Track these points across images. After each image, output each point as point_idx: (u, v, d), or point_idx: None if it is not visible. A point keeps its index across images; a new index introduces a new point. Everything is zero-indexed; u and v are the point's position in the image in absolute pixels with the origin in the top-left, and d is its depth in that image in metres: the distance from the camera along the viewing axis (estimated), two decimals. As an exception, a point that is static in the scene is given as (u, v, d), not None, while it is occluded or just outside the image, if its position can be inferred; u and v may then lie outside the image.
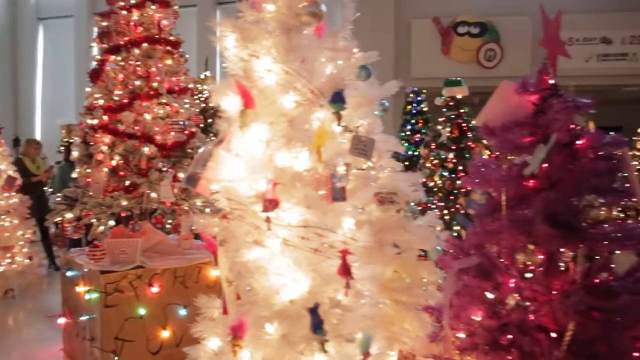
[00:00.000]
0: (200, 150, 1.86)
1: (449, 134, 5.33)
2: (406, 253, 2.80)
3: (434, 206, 5.35)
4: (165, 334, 3.57)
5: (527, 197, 1.82)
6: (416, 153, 7.44)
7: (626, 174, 1.79)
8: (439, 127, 5.57)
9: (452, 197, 5.40)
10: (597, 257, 1.84)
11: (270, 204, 1.58)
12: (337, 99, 1.78)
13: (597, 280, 1.79)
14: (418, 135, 7.88)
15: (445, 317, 1.86)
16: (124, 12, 4.19)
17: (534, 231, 1.74)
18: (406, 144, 8.00)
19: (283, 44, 1.76)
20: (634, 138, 10.94)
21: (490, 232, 1.85)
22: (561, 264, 1.87)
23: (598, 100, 1.78)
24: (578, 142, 1.81)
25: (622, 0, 11.07)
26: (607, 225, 1.79)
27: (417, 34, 11.40)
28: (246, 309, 1.67)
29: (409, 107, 8.39)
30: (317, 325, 1.57)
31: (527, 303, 1.78)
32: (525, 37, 11.15)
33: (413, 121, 8.20)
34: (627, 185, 1.79)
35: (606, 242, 1.76)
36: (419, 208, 2.83)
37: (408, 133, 8.17)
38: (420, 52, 11.17)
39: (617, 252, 1.79)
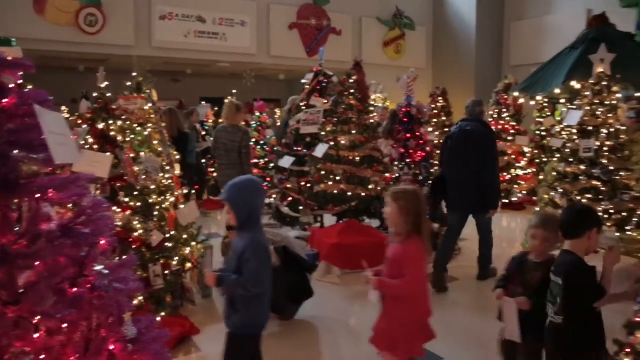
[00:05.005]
0: None
1: None
2: None
3: None
4: None
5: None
6: None
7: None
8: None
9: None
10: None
11: None
12: None
13: (37, 229, 1.92)
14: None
15: None
16: None
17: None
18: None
19: None
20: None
21: None
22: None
23: (199, 73, 1.84)
24: (5, 100, 1.87)
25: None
26: (41, 178, 1.93)
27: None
28: None
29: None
30: None
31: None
32: (128, 6, 11.20)
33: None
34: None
35: (38, 194, 1.90)
36: None
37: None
38: (7, 9, 9.83)
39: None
